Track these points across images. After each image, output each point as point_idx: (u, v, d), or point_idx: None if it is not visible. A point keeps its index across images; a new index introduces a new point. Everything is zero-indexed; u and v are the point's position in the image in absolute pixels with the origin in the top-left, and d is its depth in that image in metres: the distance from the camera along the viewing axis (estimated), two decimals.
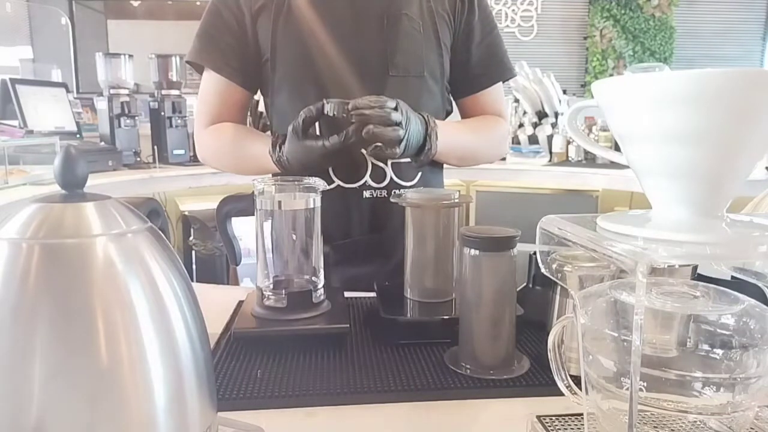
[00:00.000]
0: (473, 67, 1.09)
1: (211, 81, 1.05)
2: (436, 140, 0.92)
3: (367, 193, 1.02)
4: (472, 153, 1.10)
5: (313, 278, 0.79)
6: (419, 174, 1.06)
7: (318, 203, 0.78)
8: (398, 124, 0.84)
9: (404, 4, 1.01)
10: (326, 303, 0.78)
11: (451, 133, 1.01)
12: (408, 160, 0.98)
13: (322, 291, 0.78)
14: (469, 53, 1.08)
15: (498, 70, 1.11)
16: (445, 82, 1.07)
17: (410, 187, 1.04)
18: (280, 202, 0.76)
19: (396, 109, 0.84)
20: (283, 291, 0.75)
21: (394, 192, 1.00)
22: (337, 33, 0.98)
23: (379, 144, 0.83)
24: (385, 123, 0.82)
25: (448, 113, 1.12)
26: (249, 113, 3.13)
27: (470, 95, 1.12)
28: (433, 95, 1.06)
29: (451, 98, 1.12)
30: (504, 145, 1.18)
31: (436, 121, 0.94)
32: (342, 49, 0.98)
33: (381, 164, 1.02)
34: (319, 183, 0.78)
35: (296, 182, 0.78)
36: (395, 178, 1.03)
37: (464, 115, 1.15)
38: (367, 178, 1.01)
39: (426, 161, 0.94)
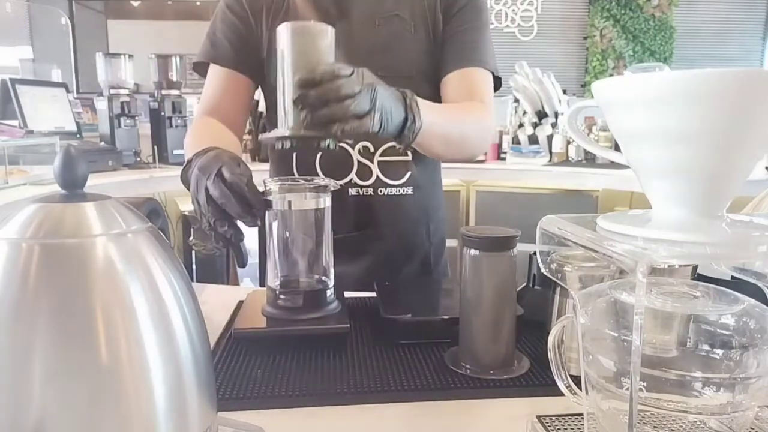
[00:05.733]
0: (448, 49, 1.03)
1: (213, 73, 1.05)
2: (419, 112, 0.77)
3: (353, 191, 1.02)
4: (459, 136, 0.96)
5: (323, 278, 0.79)
6: (408, 173, 1.05)
7: (328, 203, 0.78)
8: (356, 94, 0.67)
9: (396, 5, 1.02)
10: (336, 303, 0.78)
11: (434, 109, 0.87)
12: (393, 144, 0.96)
13: (332, 291, 0.78)
14: (449, 36, 1.03)
15: (474, 56, 1.03)
16: (437, 82, 1.05)
17: (398, 186, 1.04)
18: (290, 202, 0.76)
19: (352, 74, 0.68)
20: (297, 291, 0.76)
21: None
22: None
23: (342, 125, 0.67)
24: (338, 97, 0.66)
25: None
26: (250, 113, 3.13)
27: (446, 74, 1.03)
28: (424, 97, 1.04)
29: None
30: (488, 136, 1.06)
31: (416, 97, 0.80)
32: (336, 54, 0.99)
33: (367, 162, 1.02)
34: (330, 182, 0.78)
35: (306, 182, 0.78)
36: (382, 177, 1.03)
37: (444, 94, 1.06)
38: (352, 175, 1.02)
39: (411, 139, 0.78)
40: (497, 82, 1.08)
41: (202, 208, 0.71)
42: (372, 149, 1.02)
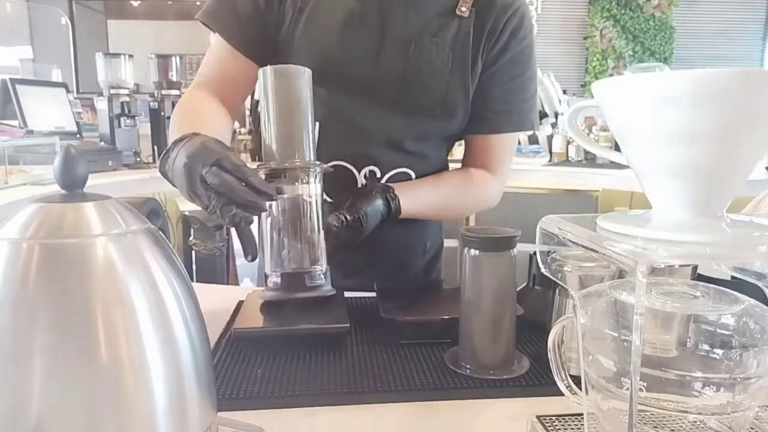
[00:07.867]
0: (482, 107, 0.98)
1: (217, 46, 0.96)
2: (398, 208, 0.89)
3: None
4: (450, 213, 1.08)
5: (318, 261, 0.79)
6: None
7: (319, 191, 0.78)
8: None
9: (436, 30, 0.92)
10: (328, 287, 0.78)
11: (417, 196, 0.95)
12: (399, 170, 0.98)
13: (327, 275, 0.79)
14: (486, 91, 0.97)
15: (511, 119, 0.99)
16: (464, 121, 0.99)
17: None
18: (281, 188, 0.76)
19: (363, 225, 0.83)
20: (292, 273, 0.77)
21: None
22: (359, 52, 0.92)
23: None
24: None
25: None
26: (249, 113, 3.13)
27: (471, 134, 1.03)
28: (441, 134, 1.00)
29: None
30: (489, 202, 1.08)
31: (399, 186, 0.91)
32: (359, 70, 0.92)
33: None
34: (322, 167, 0.78)
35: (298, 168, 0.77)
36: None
37: (466, 149, 1.06)
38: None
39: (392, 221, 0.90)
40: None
41: (202, 198, 0.68)
42: (378, 174, 0.97)
